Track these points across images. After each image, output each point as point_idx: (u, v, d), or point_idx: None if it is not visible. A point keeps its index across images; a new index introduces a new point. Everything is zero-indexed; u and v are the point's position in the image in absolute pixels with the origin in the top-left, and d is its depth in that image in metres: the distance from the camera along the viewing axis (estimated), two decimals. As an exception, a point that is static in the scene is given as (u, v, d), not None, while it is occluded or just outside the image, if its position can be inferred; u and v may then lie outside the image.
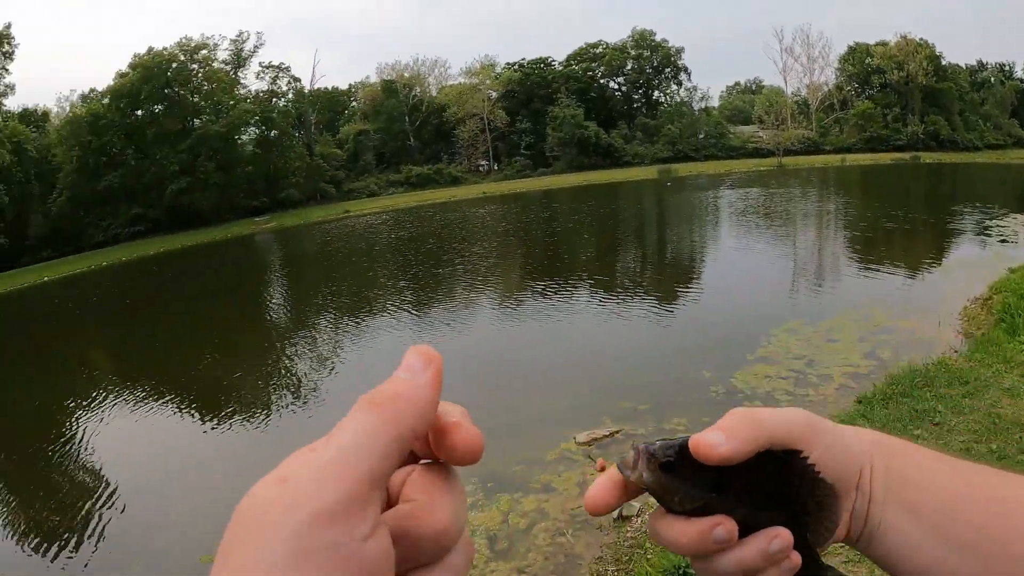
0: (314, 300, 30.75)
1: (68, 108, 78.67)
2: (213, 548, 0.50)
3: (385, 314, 24.69)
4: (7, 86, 67.77)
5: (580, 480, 10.41)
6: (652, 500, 0.76)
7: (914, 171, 56.21)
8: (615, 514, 9.08)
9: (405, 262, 35.99)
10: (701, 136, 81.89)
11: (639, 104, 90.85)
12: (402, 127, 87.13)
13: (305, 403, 17.18)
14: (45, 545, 12.09)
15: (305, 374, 19.66)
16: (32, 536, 12.80)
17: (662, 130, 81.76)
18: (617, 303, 21.74)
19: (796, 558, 0.79)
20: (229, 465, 14.11)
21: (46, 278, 55.53)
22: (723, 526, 0.77)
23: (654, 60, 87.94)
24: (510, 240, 39.09)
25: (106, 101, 71.78)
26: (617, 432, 11.77)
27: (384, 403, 0.62)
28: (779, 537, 0.78)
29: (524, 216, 49.30)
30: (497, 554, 8.90)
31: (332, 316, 26.19)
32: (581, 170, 76.78)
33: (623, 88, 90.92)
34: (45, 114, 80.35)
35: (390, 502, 0.65)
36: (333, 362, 20.53)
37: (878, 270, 22.61)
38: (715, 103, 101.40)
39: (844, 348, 14.79)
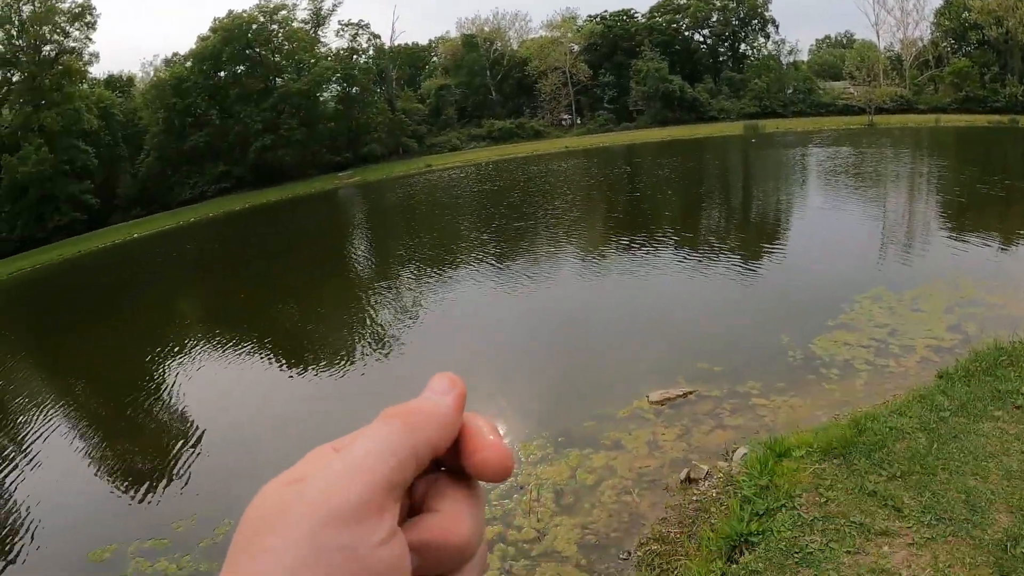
0: (397, 252, 30.92)
1: (152, 72, 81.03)
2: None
3: (467, 266, 24.74)
4: (91, 55, 68.82)
5: (650, 439, 10.39)
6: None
7: (1012, 135, 53.21)
8: (682, 475, 9.13)
9: (487, 215, 35.89)
10: (789, 91, 78.53)
11: (725, 57, 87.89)
12: (483, 81, 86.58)
13: (387, 353, 17.37)
14: (132, 487, 12.51)
15: (387, 324, 19.83)
16: (120, 478, 13.30)
17: (748, 84, 78.88)
18: (698, 261, 21.29)
19: None
20: (311, 412, 14.39)
21: (136, 235, 57.47)
22: None
23: (740, 11, 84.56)
24: (593, 195, 38.63)
25: (189, 64, 73.55)
26: (691, 393, 11.66)
27: (403, 415, 0.63)
28: None
29: (607, 171, 48.66)
30: (563, 508, 8.96)
31: (414, 268, 26.30)
32: (665, 125, 74.98)
33: (708, 41, 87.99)
34: (130, 79, 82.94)
35: (413, 509, 0.65)
36: (415, 313, 20.66)
37: (969, 239, 21.46)
38: (804, 57, 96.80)
39: (929, 319, 14.22)
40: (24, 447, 16.26)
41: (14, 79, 64.73)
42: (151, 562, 9.89)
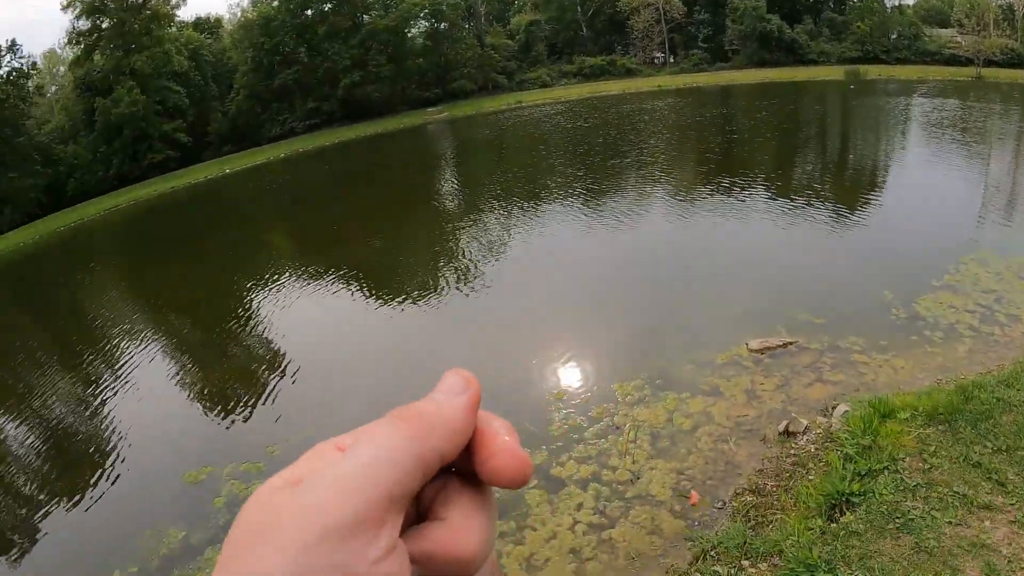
0: (487, 187, 30.84)
1: (239, 13, 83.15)
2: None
3: (556, 202, 24.48)
4: None
5: (748, 387, 10.25)
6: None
7: None
8: (781, 427, 9.01)
9: (578, 153, 35.42)
10: (893, 37, 73.90)
11: None
12: (574, 17, 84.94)
13: (473, 287, 17.34)
14: (226, 412, 12.87)
15: (475, 258, 19.77)
16: (213, 404, 13.73)
17: (850, 27, 74.44)
18: (796, 208, 20.51)
19: None
20: (395, 345, 14.51)
21: (227, 170, 59.06)
22: None
23: None
24: (688, 135, 37.65)
25: (276, 3, 74.20)
26: (791, 343, 11.37)
27: (411, 419, 0.59)
28: None
29: (701, 112, 47.35)
30: (658, 451, 8.92)
31: (504, 203, 26.15)
32: (762, 66, 71.54)
33: None
34: (218, 21, 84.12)
35: (420, 515, 0.62)
36: (504, 248, 20.53)
37: (1084, 206, 19.75)
38: (910, 1, 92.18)
39: (1038, 289, 13.36)
40: (120, 373, 16.92)
41: (104, 26, 66.33)
42: (246, 484, 10.11)
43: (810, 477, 7.91)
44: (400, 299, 17.42)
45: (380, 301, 17.80)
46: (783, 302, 13.19)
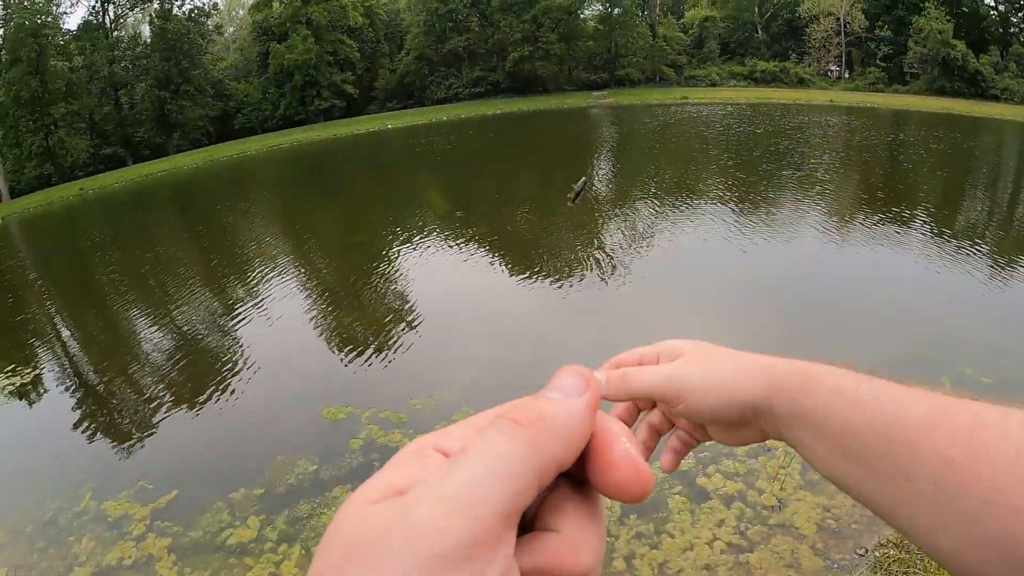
0: (639, 178, 30.03)
1: None
2: (472, 395, 0.46)
3: (708, 204, 23.62)
4: None
5: None
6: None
7: None
8: None
9: (741, 159, 34.28)
10: None
11: (1017, 30, 78.02)
12: (750, 18, 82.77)
13: (610, 276, 16.76)
14: (371, 358, 12.84)
15: (614, 248, 19.11)
16: (346, 343, 13.77)
17: None
18: (957, 253, 18.93)
19: None
20: (524, 319, 14.28)
21: (389, 125, 60.34)
22: None
23: None
24: (857, 158, 35.86)
25: None
26: None
27: (530, 425, 0.52)
28: None
29: (873, 134, 45.26)
30: (807, 483, 8.23)
31: (656, 199, 25.33)
32: (940, 94, 66.55)
33: (1000, 7, 78.81)
34: None
35: (523, 523, 0.53)
36: (646, 242, 19.85)
37: None
38: None
39: None
40: (262, 302, 17.05)
41: None
42: (385, 432, 9.89)
43: None
44: (535, 274, 17.05)
45: (517, 273, 17.47)
46: (946, 352, 12.12)
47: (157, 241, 28.01)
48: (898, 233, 19.71)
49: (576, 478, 0.57)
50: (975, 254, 17.88)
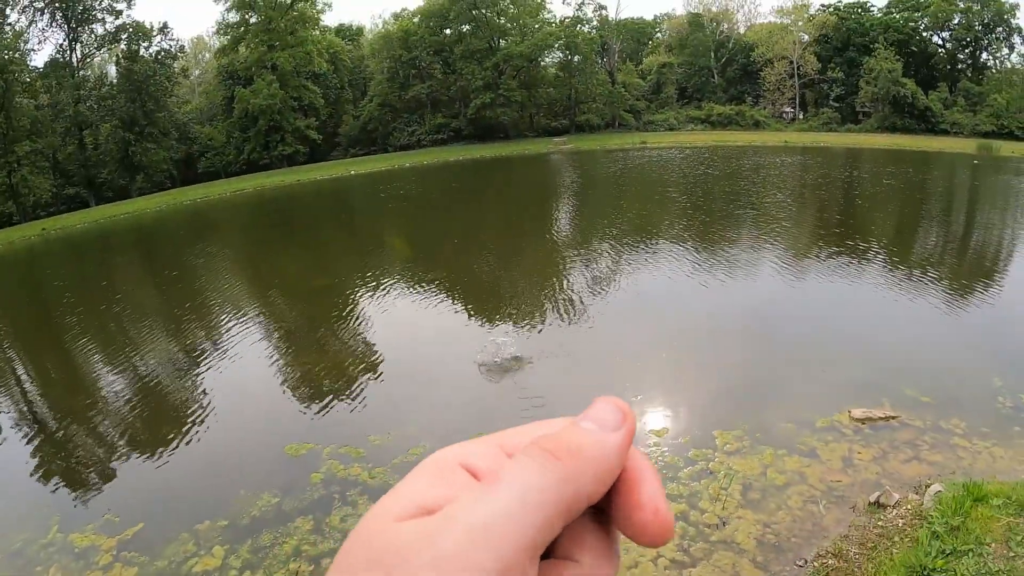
0: (601, 223, 30.49)
1: (380, 25, 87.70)
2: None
3: (670, 245, 24.22)
4: (325, 3, 74.65)
5: (845, 455, 10.04)
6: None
7: None
8: (872, 498, 8.89)
9: (698, 199, 35.08)
10: None
11: (964, 66, 79.95)
12: (706, 63, 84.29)
13: (573, 318, 17.20)
14: (309, 390, 13.40)
15: (578, 292, 19.64)
16: (299, 382, 14.29)
17: (987, 99, 71.33)
18: (908, 282, 19.86)
19: None
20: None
21: (353, 171, 60.74)
22: None
23: (985, 15, 76.70)
24: (811, 196, 36.70)
25: (417, 20, 77.00)
26: (894, 418, 11.02)
27: (565, 458, 0.52)
28: None
29: (827, 173, 46.28)
30: (748, 502, 8.94)
31: (616, 241, 25.95)
32: (892, 131, 69.21)
33: (947, 45, 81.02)
34: (360, 29, 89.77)
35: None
36: (608, 285, 20.28)
37: None
38: None
39: None
40: (225, 345, 17.35)
41: (251, 20, 69.60)
42: (344, 466, 10.34)
43: (894, 550, 7.79)
44: (500, 319, 17.60)
45: (479, 318, 18.02)
46: (888, 375, 12.76)
47: (121, 284, 28.22)
48: (853, 265, 20.64)
49: (598, 507, 0.56)
50: (922, 283, 18.93)
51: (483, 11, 73.92)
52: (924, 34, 78.23)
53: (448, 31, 76.18)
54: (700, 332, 15.85)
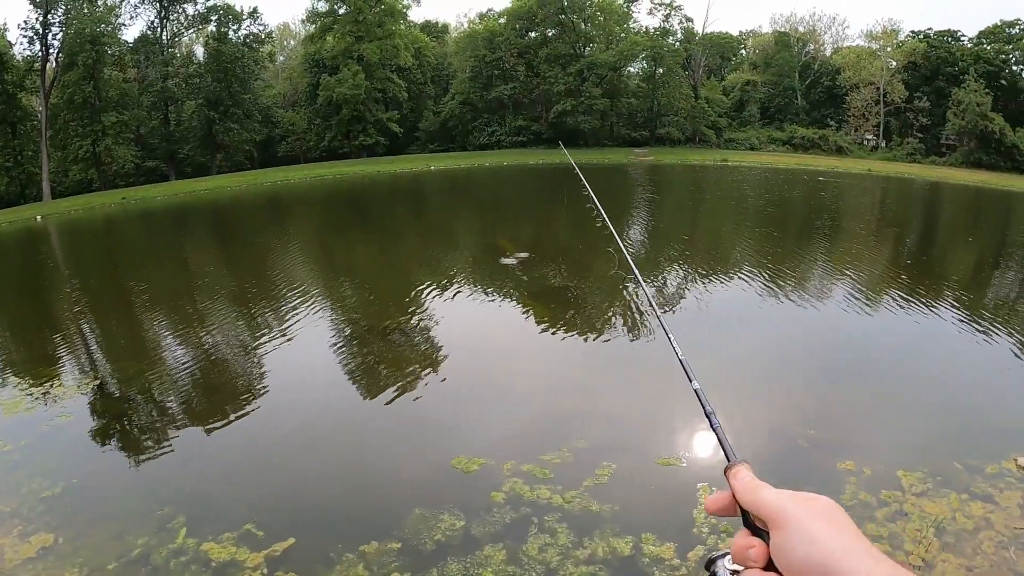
0: (671, 240, 29.14)
1: (466, 24, 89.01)
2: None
3: (742, 266, 22.90)
4: None
5: (1021, 502, 8.96)
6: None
7: None
8: None
9: (777, 223, 33.59)
10: None
11: None
12: (791, 84, 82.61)
13: (637, 335, 15.93)
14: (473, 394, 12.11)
15: (641, 307, 18.24)
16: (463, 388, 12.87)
17: None
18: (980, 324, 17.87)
19: None
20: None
21: (433, 167, 60.47)
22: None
23: None
24: (887, 227, 35.03)
25: (503, 21, 77.61)
26: None
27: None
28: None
29: (909, 205, 44.61)
30: (945, 546, 8.02)
31: (683, 259, 24.62)
32: (977, 167, 66.06)
33: None
34: (445, 27, 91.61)
35: None
36: (671, 303, 18.97)
37: None
38: None
39: None
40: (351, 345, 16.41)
41: (341, 11, 70.29)
42: (531, 487, 9.03)
43: None
44: (575, 330, 16.31)
45: (551, 330, 16.64)
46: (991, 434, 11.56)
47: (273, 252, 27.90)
48: (929, 304, 18.88)
49: None
50: (1002, 328, 17.00)
51: (571, 16, 73.76)
52: (1015, 68, 75.27)
53: (533, 34, 76.35)
54: (770, 356, 14.53)
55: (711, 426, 1.30)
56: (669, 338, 1.64)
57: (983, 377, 13.80)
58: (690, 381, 1.46)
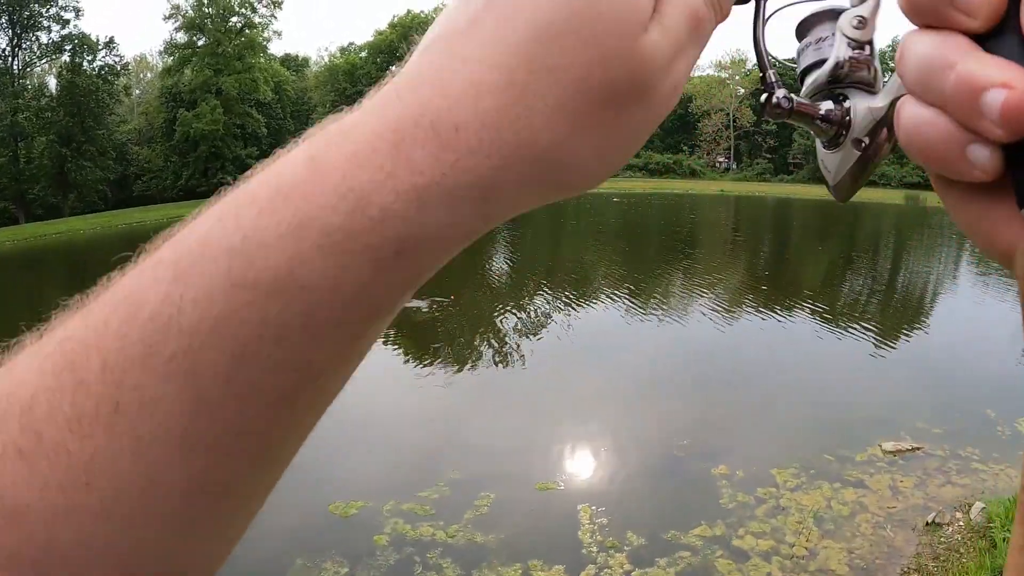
0: (530, 272, 30.03)
1: (326, 57, 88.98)
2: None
3: (607, 288, 24.12)
4: (274, 32, 75.05)
5: (890, 484, 10.26)
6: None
7: None
8: (929, 518, 9.46)
9: (630, 247, 35.23)
10: None
11: None
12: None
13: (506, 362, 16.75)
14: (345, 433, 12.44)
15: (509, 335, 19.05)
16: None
17: None
18: (864, 325, 19.97)
19: None
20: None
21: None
22: None
23: None
24: (742, 241, 37.39)
25: (364, 54, 79.04)
26: (918, 449, 11.39)
27: None
28: None
29: (760, 221, 47.30)
30: (826, 533, 8.95)
31: (549, 285, 25.61)
32: (823, 182, 71.16)
33: None
34: (305, 60, 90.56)
35: None
36: (543, 327, 19.87)
37: None
38: None
39: None
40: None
41: (199, 43, 69.00)
42: (412, 526, 9.54)
43: (964, 560, 8.48)
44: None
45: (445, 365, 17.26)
46: (901, 410, 13.17)
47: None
48: (786, 309, 20.86)
49: None
50: (856, 328, 19.09)
51: (425, 51, 75.12)
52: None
53: (394, 67, 75.60)
54: (639, 377, 15.68)
55: None
56: None
57: (843, 374, 15.35)
58: None
